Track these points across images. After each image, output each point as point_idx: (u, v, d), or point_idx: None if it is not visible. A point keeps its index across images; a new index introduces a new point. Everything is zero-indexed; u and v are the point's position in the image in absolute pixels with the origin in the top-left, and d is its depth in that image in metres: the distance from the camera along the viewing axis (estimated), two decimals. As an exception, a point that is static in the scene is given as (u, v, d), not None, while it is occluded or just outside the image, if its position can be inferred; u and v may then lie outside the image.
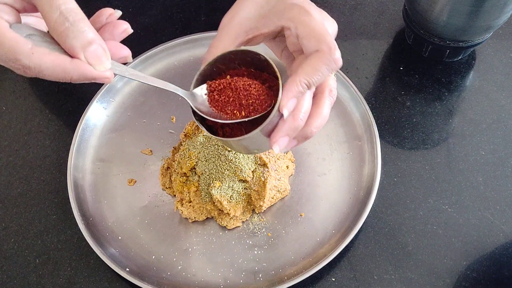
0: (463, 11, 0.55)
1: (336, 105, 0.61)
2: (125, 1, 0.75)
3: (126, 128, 0.61)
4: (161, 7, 0.74)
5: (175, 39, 0.66)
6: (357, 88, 0.60)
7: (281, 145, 0.38)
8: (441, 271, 0.51)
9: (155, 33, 0.71)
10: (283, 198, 0.55)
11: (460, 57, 0.66)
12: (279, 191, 0.54)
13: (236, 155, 0.53)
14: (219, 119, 0.40)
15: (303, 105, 0.38)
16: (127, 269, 0.49)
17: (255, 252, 0.52)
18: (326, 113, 0.40)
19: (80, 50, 0.32)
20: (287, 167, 0.56)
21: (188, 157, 0.54)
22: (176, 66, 0.66)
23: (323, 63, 0.36)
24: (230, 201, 0.52)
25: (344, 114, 0.60)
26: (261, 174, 0.53)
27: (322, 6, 0.39)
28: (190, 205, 0.54)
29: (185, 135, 0.58)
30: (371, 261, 0.52)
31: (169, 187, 0.56)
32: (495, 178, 0.56)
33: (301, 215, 0.54)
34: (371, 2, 0.73)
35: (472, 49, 0.65)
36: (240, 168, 0.52)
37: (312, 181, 0.56)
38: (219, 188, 0.52)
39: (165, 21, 0.73)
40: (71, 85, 0.63)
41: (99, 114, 0.61)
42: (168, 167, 0.57)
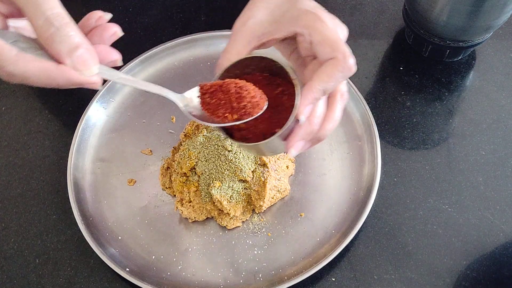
0: (463, 11, 0.55)
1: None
2: (125, 1, 0.75)
3: (126, 128, 0.61)
4: (161, 7, 0.74)
5: (175, 39, 0.66)
6: (357, 88, 0.60)
7: (296, 149, 0.39)
8: (441, 271, 0.51)
9: (155, 33, 0.71)
10: (283, 198, 0.55)
11: (460, 57, 0.66)
12: (279, 191, 0.54)
13: (236, 155, 0.53)
14: (211, 122, 0.40)
15: (318, 110, 0.39)
16: (127, 269, 0.49)
17: (255, 252, 0.52)
18: (338, 116, 0.41)
19: (66, 55, 0.32)
20: (287, 167, 0.56)
21: (188, 157, 0.54)
22: (176, 66, 0.66)
23: (338, 70, 0.36)
24: (230, 201, 0.52)
25: (344, 114, 0.60)
26: (261, 174, 0.53)
27: (322, 6, 0.40)
28: (190, 205, 0.54)
29: (185, 135, 0.58)
30: (371, 261, 0.52)
31: (169, 187, 0.56)
32: (495, 178, 0.56)
33: (301, 215, 0.54)
34: (371, 2, 0.73)
35: (472, 49, 0.65)
36: (240, 168, 0.52)
37: (312, 181, 0.56)
38: (219, 188, 0.52)
39: (165, 21, 0.73)
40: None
41: (99, 114, 0.61)
42: (168, 167, 0.57)
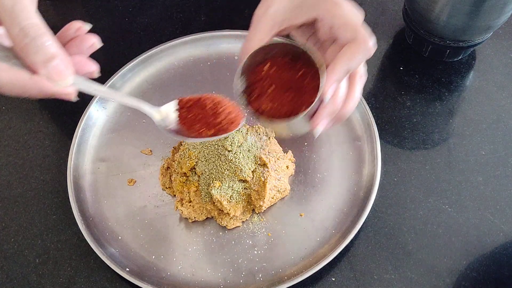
0: (463, 11, 0.55)
1: (336, 105, 0.61)
2: (125, 1, 0.75)
3: (126, 128, 0.61)
4: (161, 7, 0.74)
5: (175, 39, 0.66)
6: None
7: (321, 127, 0.41)
8: (441, 270, 0.51)
9: (155, 33, 0.71)
10: (283, 198, 0.55)
11: (460, 57, 0.66)
12: (279, 191, 0.54)
13: (236, 155, 0.53)
14: (187, 136, 0.41)
15: (340, 91, 0.41)
16: (127, 269, 0.49)
17: (255, 252, 0.52)
18: (358, 96, 0.43)
19: (41, 65, 0.31)
20: (287, 167, 0.56)
21: (188, 157, 0.54)
22: (176, 66, 0.66)
23: (360, 51, 0.39)
24: (230, 201, 0.52)
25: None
26: (261, 174, 0.53)
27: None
28: (190, 205, 0.54)
29: (185, 135, 0.58)
30: (371, 261, 0.52)
31: (169, 187, 0.56)
32: (495, 178, 0.56)
33: (301, 215, 0.54)
34: (371, 2, 0.73)
35: (472, 49, 0.65)
36: (240, 168, 0.52)
37: (312, 181, 0.56)
38: (219, 188, 0.52)
39: (165, 21, 0.73)
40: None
41: (99, 114, 0.61)
42: (168, 167, 0.57)
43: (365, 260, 0.52)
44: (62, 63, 0.32)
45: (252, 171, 0.53)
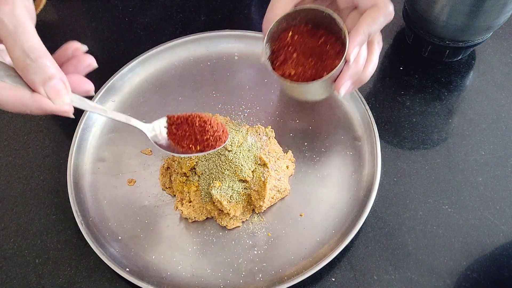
0: (462, 11, 0.55)
1: (335, 105, 0.61)
2: (125, 1, 0.75)
3: (126, 128, 0.61)
4: (161, 7, 0.74)
5: (175, 39, 0.66)
6: (357, 88, 0.60)
7: (345, 88, 0.44)
8: (441, 271, 0.51)
9: (155, 33, 0.71)
10: (283, 198, 0.55)
11: (460, 57, 0.66)
12: (279, 191, 0.54)
13: (236, 155, 0.53)
14: (176, 152, 0.45)
15: (361, 54, 0.44)
16: (127, 269, 0.49)
17: (255, 252, 0.52)
18: (376, 60, 0.46)
19: (40, 84, 0.34)
20: (287, 167, 0.56)
21: (188, 157, 0.54)
22: (176, 66, 0.66)
23: (381, 15, 0.42)
24: (230, 201, 0.52)
25: (344, 114, 0.60)
26: (261, 174, 0.53)
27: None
28: (190, 205, 0.54)
29: (185, 135, 0.58)
30: (371, 261, 0.52)
31: (169, 187, 0.56)
32: (495, 178, 0.56)
33: (301, 215, 0.54)
34: (371, 2, 0.73)
35: (472, 49, 0.65)
36: (240, 168, 0.52)
37: (312, 181, 0.56)
38: (219, 188, 0.52)
39: (165, 21, 0.73)
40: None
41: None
42: (168, 167, 0.57)
43: (365, 260, 0.52)
44: (59, 83, 0.35)
45: (252, 171, 0.53)
